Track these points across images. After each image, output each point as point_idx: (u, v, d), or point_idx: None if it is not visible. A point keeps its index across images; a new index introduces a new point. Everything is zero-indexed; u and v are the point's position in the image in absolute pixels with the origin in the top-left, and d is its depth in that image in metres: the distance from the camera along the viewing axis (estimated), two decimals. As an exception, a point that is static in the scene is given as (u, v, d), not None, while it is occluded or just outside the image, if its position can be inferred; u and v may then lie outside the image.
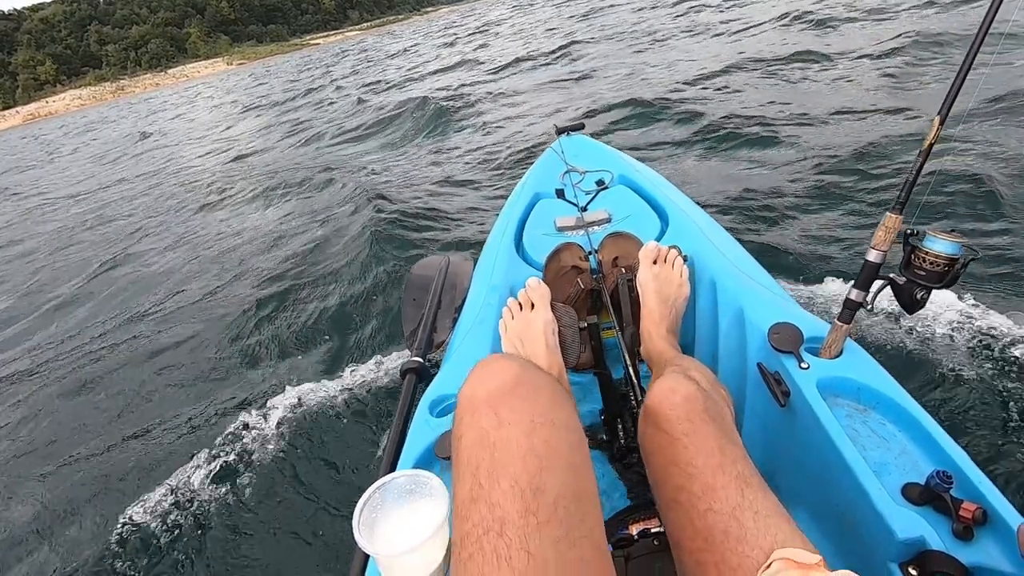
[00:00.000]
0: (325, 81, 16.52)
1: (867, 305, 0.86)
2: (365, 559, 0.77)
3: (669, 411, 0.68)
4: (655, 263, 1.15)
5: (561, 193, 1.76)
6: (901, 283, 0.82)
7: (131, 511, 1.70)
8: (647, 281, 1.12)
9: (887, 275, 0.84)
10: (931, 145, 0.78)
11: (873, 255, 0.83)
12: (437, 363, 1.31)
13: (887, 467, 0.74)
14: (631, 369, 1.05)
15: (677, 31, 8.52)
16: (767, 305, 1.03)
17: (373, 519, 0.58)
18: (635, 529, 0.83)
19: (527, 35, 13.98)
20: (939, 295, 1.55)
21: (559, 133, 2.13)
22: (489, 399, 0.58)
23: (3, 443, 2.45)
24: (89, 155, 14.78)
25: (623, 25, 10.81)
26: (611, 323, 1.21)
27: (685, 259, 1.17)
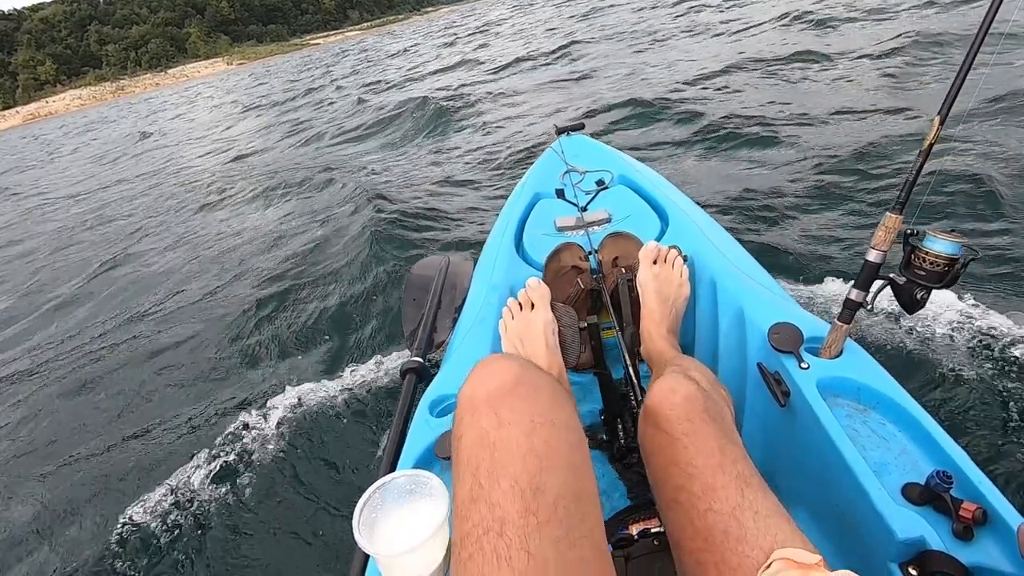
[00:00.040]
0: (325, 81, 16.51)
1: (867, 305, 0.86)
2: (365, 559, 0.77)
3: (669, 411, 0.68)
4: (655, 263, 1.15)
5: (561, 193, 1.76)
6: (901, 283, 0.82)
7: (131, 511, 1.70)
8: (647, 281, 1.12)
9: (887, 275, 0.84)
10: (931, 145, 0.78)
11: (873, 255, 0.83)
12: (437, 363, 1.31)
13: (887, 467, 0.74)
14: (631, 369, 1.05)
15: (677, 31, 8.52)
16: (767, 305, 1.03)
17: (373, 519, 0.58)
18: (635, 529, 0.83)
19: (527, 35, 13.97)
20: (939, 295, 1.55)
21: (559, 133, 2.13)
22: (489, 399, 0.58)
23: (3, 443, 2.45)
24: (89, 155, 14.78)
25: (623, 25, 10.80)
26: (611, 323, 1.21)
27: (685, 259, 1.17)
